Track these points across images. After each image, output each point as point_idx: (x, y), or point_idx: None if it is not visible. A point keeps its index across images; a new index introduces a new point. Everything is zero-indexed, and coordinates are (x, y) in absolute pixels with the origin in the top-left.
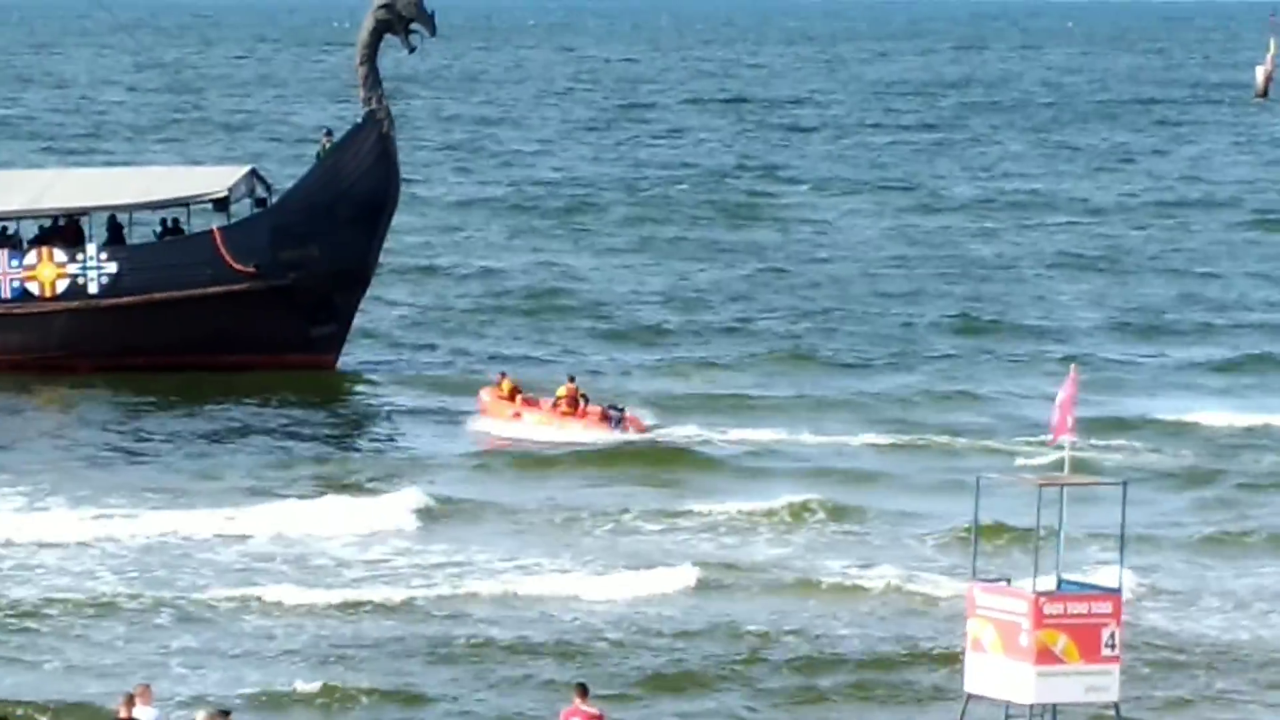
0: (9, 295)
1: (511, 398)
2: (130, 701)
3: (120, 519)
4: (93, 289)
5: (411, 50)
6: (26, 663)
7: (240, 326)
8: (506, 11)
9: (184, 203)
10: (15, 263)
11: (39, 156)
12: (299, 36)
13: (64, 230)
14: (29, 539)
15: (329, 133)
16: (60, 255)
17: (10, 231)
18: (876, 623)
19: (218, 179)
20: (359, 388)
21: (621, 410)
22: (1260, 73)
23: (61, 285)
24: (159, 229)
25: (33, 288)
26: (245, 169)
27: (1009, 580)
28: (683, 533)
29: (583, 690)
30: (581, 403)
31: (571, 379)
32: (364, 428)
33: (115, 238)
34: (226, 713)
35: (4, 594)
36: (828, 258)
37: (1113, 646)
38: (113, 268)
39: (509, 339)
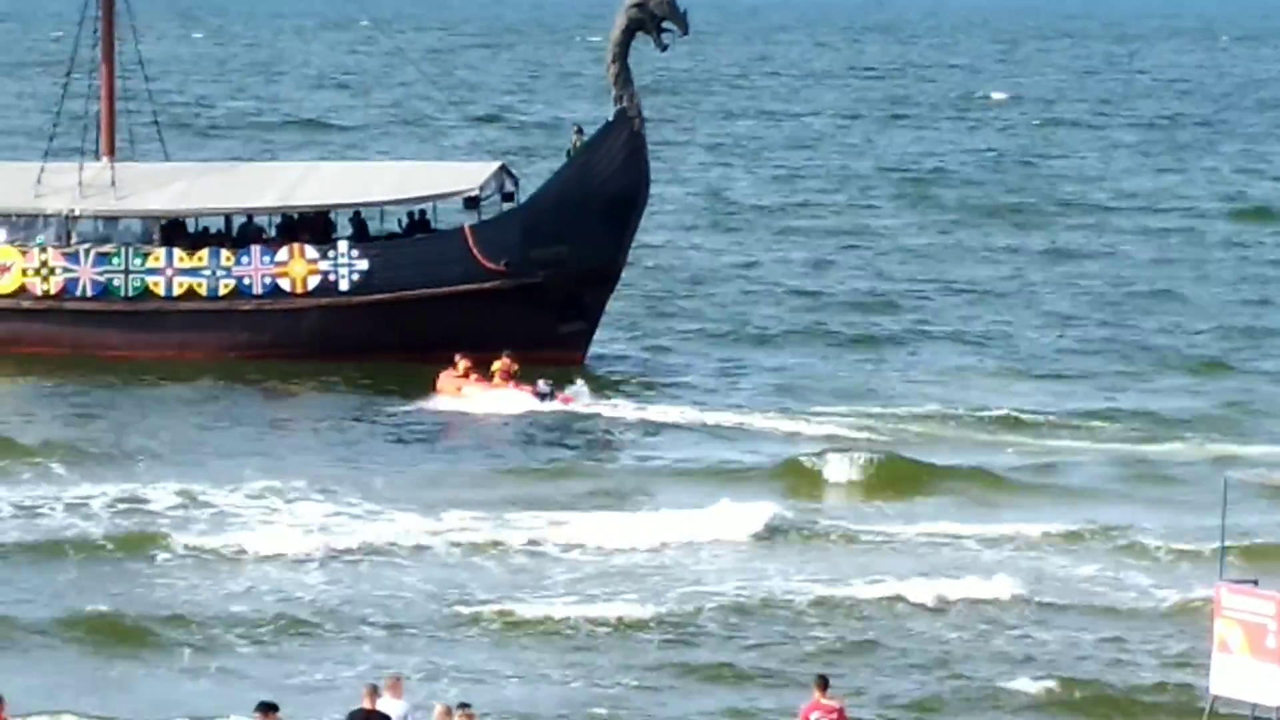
0: (260, 291)
1: (466, 376)
2: (374, 692)
3: (383, 522)
4: (343, 286)
5: (663, 49)
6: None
7: (489, 324)
8: (759, 7)
9: (435, 200)
10: (267, 259)
11: (286, 150)
12: (547, 29)
13: (312, 224)
14: (321, 545)
15: (580, 130)
16: (312, 252)
17: (262, 227)
18: (1155, 637)
19: (469, 176)
20: (609, 389)
21: (551, 386)
22: None
23: (313, 282)
24: (404, 221)
25: (284, 284)
26: (496, 165)
27: (1256, 582)
28: (969, 550)
29: (823, 683)
30: (515, 378)
31: (508, 354)
32: (620, 431)
33: (360, 231)
34: (466, 705)
35: (320, 598)
36: (1091, 262)
37: None
38: (364, 265)
39: (773, 339)
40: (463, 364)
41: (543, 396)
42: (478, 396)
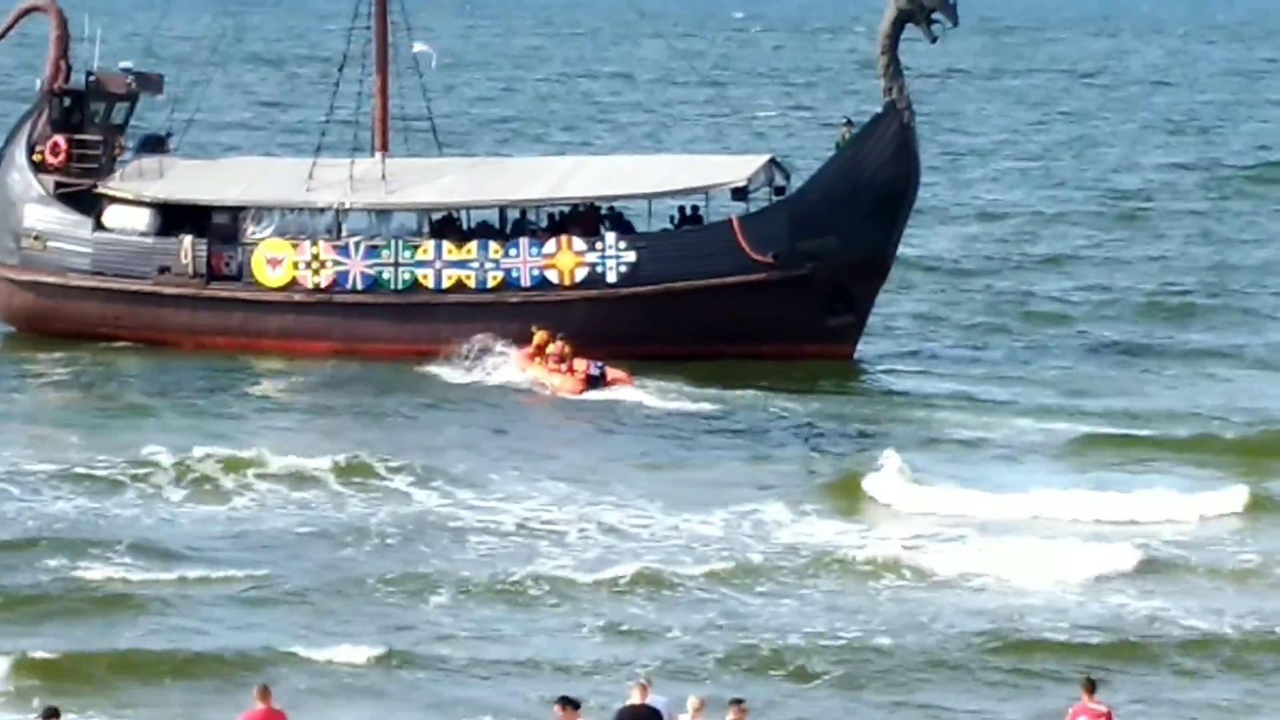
0: (528, 283)
1: (537, 352)
2: (643, 689)
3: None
4: (611, 278)
5: (933, 40)
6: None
7: (757, 316)
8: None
9: (701, 191)
10: (535, 251)
11: (554, 146)
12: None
13: (581, 217)
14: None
15: (849, 122)
16: (579, 244)
17: (530, 220)
18: None
19: (737, 168)
20: (886, 385)
21: (602, 367)
22: None
23: (580, 274)
24: (676, 216)
25: (551, 276)
26: (764, 158)
27: None
28: None
29: (1090, 686)
30: (568, 359)
31: (561, 337)
32: (918, 444)
33: (622, 223)
34: (739, 700)
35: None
36: None
37: None
38: (631, 257)
39: (1068, 348)
40: (537, 338)
41: (593, 379)
42: (533, 376)
